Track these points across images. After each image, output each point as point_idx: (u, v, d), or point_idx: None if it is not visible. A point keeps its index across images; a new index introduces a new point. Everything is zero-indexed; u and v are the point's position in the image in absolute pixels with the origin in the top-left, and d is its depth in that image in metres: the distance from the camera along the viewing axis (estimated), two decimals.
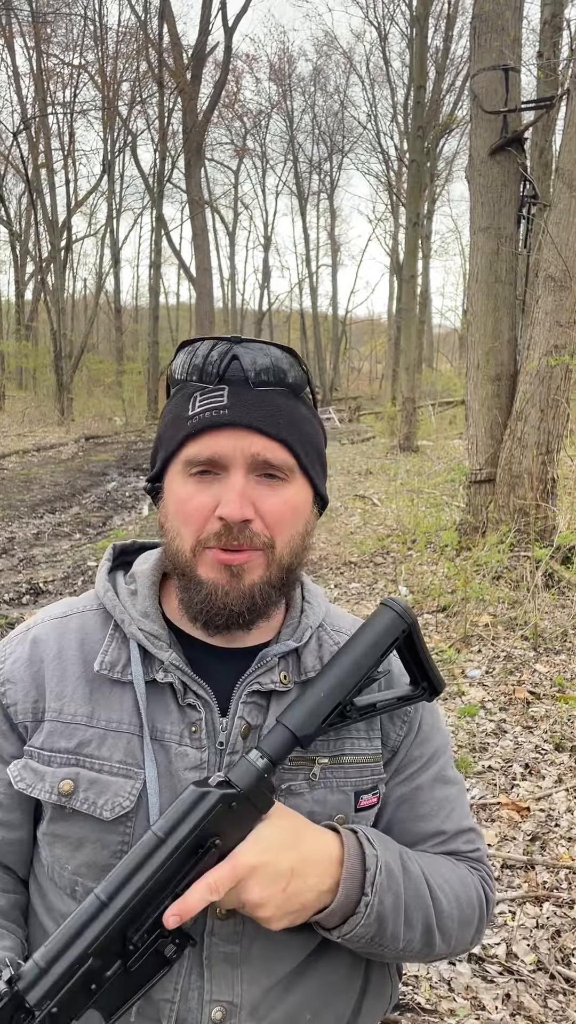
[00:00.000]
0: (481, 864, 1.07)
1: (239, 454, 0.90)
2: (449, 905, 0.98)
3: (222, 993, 0.91)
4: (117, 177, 28.96)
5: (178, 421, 0.93)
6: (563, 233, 5.77)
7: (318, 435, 0.98)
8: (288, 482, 0.93)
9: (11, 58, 31.72)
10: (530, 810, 3.26)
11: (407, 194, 17.13)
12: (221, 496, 0.90)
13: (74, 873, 0.94)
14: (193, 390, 0.93)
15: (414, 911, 0.94)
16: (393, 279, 30.54)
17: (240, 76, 34.46)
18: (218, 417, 0.89)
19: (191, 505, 0.91)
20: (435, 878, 0.99)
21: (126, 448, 17.72)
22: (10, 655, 1.01)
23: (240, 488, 0.89)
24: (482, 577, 5.75)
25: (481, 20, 6.72)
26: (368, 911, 0.89)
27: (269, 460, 0.90)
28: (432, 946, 0.97)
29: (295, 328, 44.62)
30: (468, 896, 1.01)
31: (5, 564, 7.35)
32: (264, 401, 0.91)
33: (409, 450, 14.83)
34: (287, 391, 0.94)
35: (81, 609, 1.03)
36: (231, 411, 0.89)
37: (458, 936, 1.00)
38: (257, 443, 0.90)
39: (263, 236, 42.73)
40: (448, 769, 1.08)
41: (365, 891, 0.89)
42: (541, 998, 2.32)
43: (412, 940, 0.95)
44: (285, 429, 0.91)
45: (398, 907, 0.92)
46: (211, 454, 0.90)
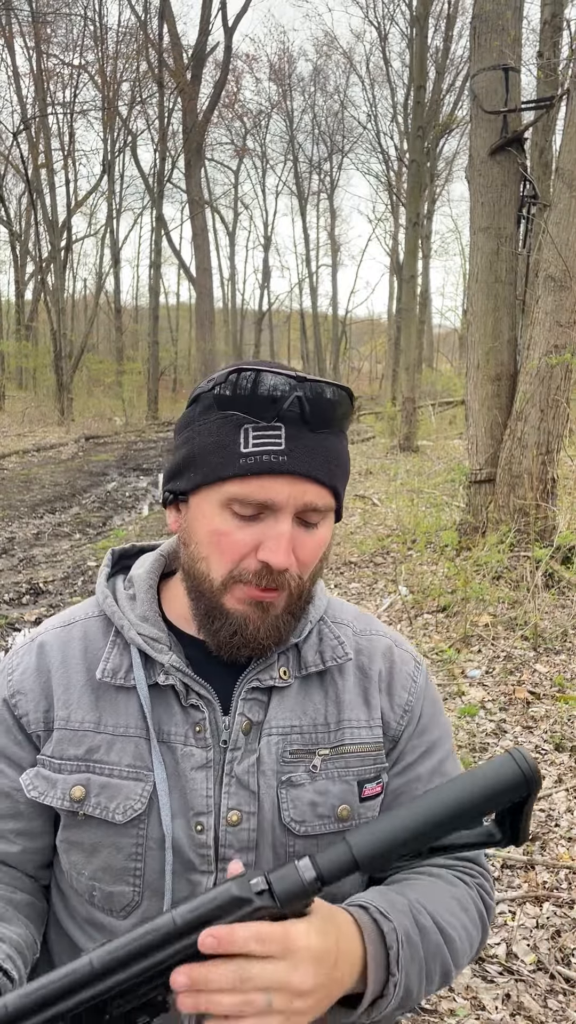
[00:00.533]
0: (478, 867, 1.04)
1: (292, 502, 0.88)
2: (461, 941, 0.95)
3: None
4: (117, 177, 28.96)
5: (227, 452, 0.88)
6: (563, 233, 5.77)
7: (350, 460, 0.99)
8: (324, 523, 0.94)
9: (11, 58, 31.72)
10: None
11: (407, 194, 17.13)
12: (264, 539, 0.88)
13: (91, 878, 0.95)
14: (243, 422, 0.88)
15: (435, 970, 0.91)
16: (393, 279, 30.53)
17: (240, 76, 34.49)
18: (276, 464, 0.86)
19: (229, 540, 0.90)
20: (444, 917, 0.94)
21: (126, 448, 17.72)
22: (18, 666, 1.02)
23: (288, 537, 0.89)
24: (482, 577, 5.75)
25: (481, 20, 6.72)
26: (396, 991, 0.84)
27: (318, 507, 0.91)
28: (447, 981, 0.95)
29: (295, 328, 44.62)
30: (473, 919, 0.98)
31: (5, 564, 7.35)
32: (320, 446, 0.89)
33: (409, 450, 14.82)
34: (338, 431, 0.93)
35: (83, 616, 1.04)
36: (290, 458, 0.87)
37: (467, 959, 0.98)
38: (311, 492, 0.89)
39: (263, 236, 42.75)
40: (448, 762, 1.06)
41: (392, 971, 0.84)
42: (541, 998, 2.32)
43: (430, 990, 0.92)
44: (337, 475, 0.91)
45: (421, 973, 0.89)
46: (264, 499, 0.88)
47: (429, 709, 1.07)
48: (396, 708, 1.03)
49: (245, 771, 0.94)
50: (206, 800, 0.94)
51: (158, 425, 23.69)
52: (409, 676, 1.05)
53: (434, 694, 1.09)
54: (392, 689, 1.04)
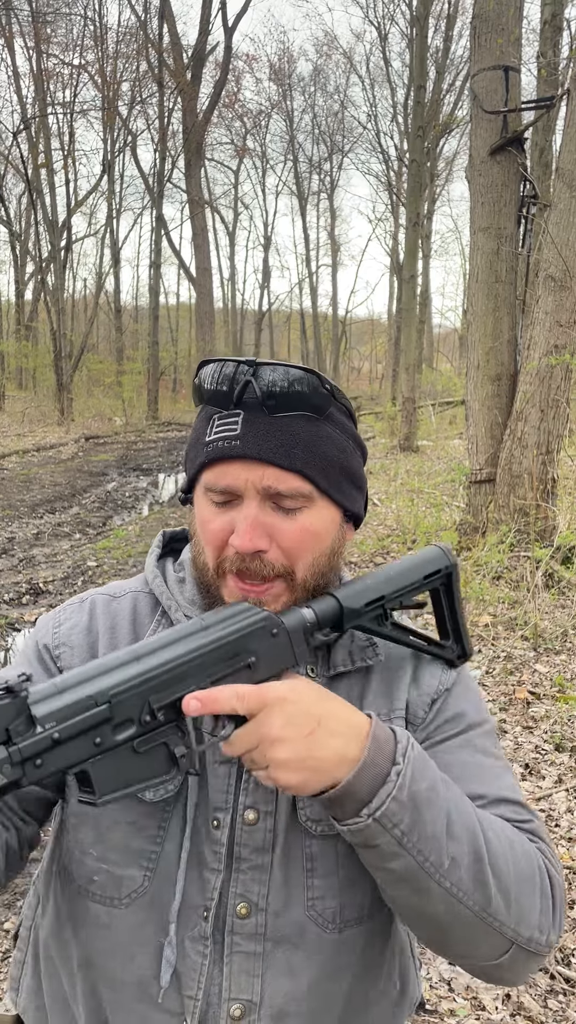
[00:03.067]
0: (539, 839, 0.93)
1: (250, 486, 0.89)
2: (499, 842, 0.86)
3: (241, 991, 0.91)
4: (117, 177, 28.95)
5: (198, 444, 0.93)
6: (563, 233, 5.77)
7: (346, 454, 0.94)
8: (306, 508, 0.91)
9: (11, 58, 31.75)
10: None
11: (407, 194, 17.13)
12: (236, 523, 0.90)
13: (99, 859, 0.93)
14: (212, 412, 0.92)
15: (457, 821, 0.83)
16: (393, 279, 30.54)
17: (240, 76, 34.50)
18: (228, 448, 0.88)
19: (210, 528, 0.92)
20: (480, 813, 0.88)
21: (126, 448, 17.72)
22: (67, 620, 1.03)
23: (252, 520, 0.88)
24: (482, 577, 5.75)
25: (481, 20, 6.72)
26: (400, 781, 0.79)
27: (281, 491, 0.89)
28: (485, 886, 0.82)
29: (295, 328, 44.63)
30: (525, 852, 0.88)
31: (5, 564, 7.35)
32: (279, 429, 0.89)
33: (409, 450, 14.82)
34: (308, 414, 0.91)
35: (134, 589, 1.05)
36: (243, 441, 0.88)
37: (517, 893, 0.85)
38: (269, 475, 0.88)
39: (263, 236, 42.75)
40: (481, 740, 0.99)
41: (396, 760, 0.81)
42: (541, 998, 2.32)
43: (459, 862, 0.82)
44: (301, 458, 0.89)
45: (436, 801, 0.82)
46: (224, 485, 0.90)
47: (460, 690, 1.02)
48: (424, 696, 1.00)
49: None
50: (225, 796, 0.93)
51: (158, 425, 23.69)
52: (440, 666, 1.02)
53: (470, 684, 1.04)
54: (420, 679, 1.00)
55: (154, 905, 0.92)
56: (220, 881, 0.92)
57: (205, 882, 0.92)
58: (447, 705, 0.99)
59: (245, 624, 0.84)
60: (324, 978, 0.92)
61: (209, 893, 0.91)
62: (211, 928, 0.91)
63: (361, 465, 0.99)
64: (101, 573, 6.99)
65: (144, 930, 0.92)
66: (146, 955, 0.92)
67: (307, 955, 0.92)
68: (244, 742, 0.79)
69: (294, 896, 0.92)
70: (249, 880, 0.91)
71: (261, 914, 0.91)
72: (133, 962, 0.92)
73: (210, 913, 0.91)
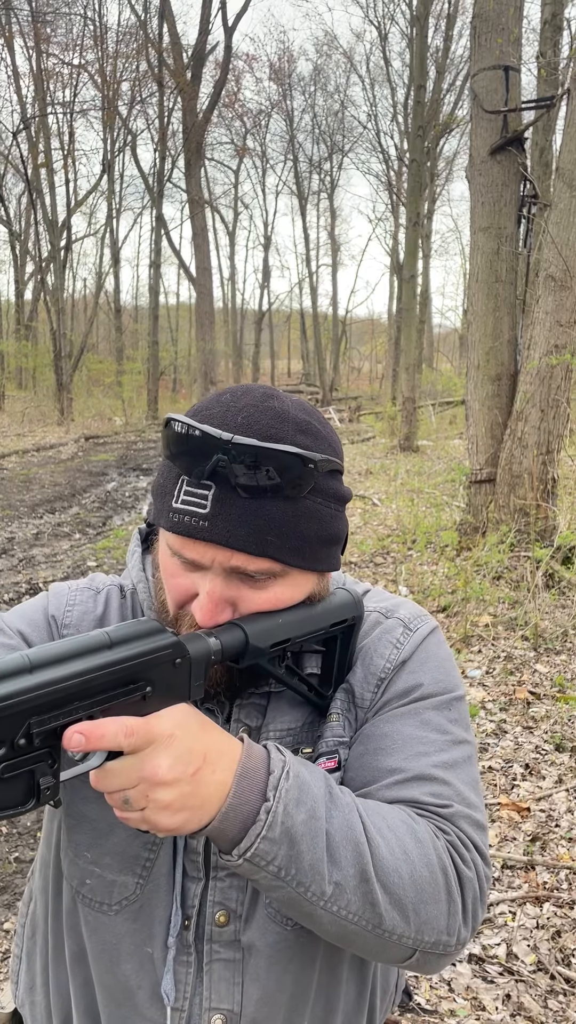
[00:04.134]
0: (453, 827, 0.86)
1: (216, 564, 0.84)
2: (392, 855, 0.81)
3: (221, 1001, 0.90)
4: (117, 177, 28.97)
5: (165, 501, 0.87)
6: (563, 233, 5.77)
7: (325, 522, 0.88)
8: (278, 579, 0.87)
9: (11, 58, 31.71)
10: (530, 810, 3.26)
11: (407, 194, 17.12)
12: (199, 591, 0.86)
13: (93, 863, 0.92)
14: (180, 472, 0.85)
15: (341, 845, 0.79)
16: (393, 279, 30.54)
17: (240, 76, 34.47)
18: (196, 529, 0.82)
19: (174, 583, 0.89)
20: (373, 817, 0.83)
21: (126, 448, 17.72)
22: (78, 604, 1.01)
23: (216, 596, 0.85)
24: (482, 577, 5.75)
25: (481, 19, 6.72)
26: (271, 820, 0.75)
27: (249, 571, 0.84)
28: (375, 905, 0.79)
29: (295, 328, 44.63)
30: (425, 856, 0.82)
31: (5, 564, 7.35)
32: (253, 513, 0.82)
33: (409, 450, 14.83)
34: (285, 494, 0.83)
35: (130, 587, 1.04)
36: (211, 524, 0.82)
37: (415, 903, 0.81)
38: (237, 558, 0.83)
39: (263, 236, 42.75)
40: (430, 713, 0.93)
41: (267, 796, 0.76)
42: (541, 999, 2.32)
43: (343, 886, 0.78)
44: (274, 544, 0.83)
45: (315, 830, 0.77)
46: (189, 558, 0.85)
47: (419, 668, 0.96)
48: (371, 677, 0.96)
49: None
50: None
51: (158, 425, 23.64)
52: (391, 643, 0.97)
53: (437, 655, 0.98)
54: (368, 659, 0.97)
55: (143, 913, 0.92)
56: (200, 889, 0.91)
57: (187, 892, 0.92)
58: (398, 679, 0.95)
59: (151, 648, 0.76)
60: (292, 975, 0.91)
61: (191, 902, 0.91)
62: (192, 937, 0.91)
63: (343, 520, 0.92)
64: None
65: (132, 938, 0.92)
66: (131, 963, 0.92)
67: (273, 955, 0.91)
68: (122, 779, 0.72)
69: (257, 897, 0.91)
70: (227, 887, 0.91)
71: (238, 920, 0.90)
72: (119, 968, 0.92)
73: (191, 922, 0.91)
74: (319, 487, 0.87)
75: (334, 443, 0.92)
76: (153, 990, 0.91)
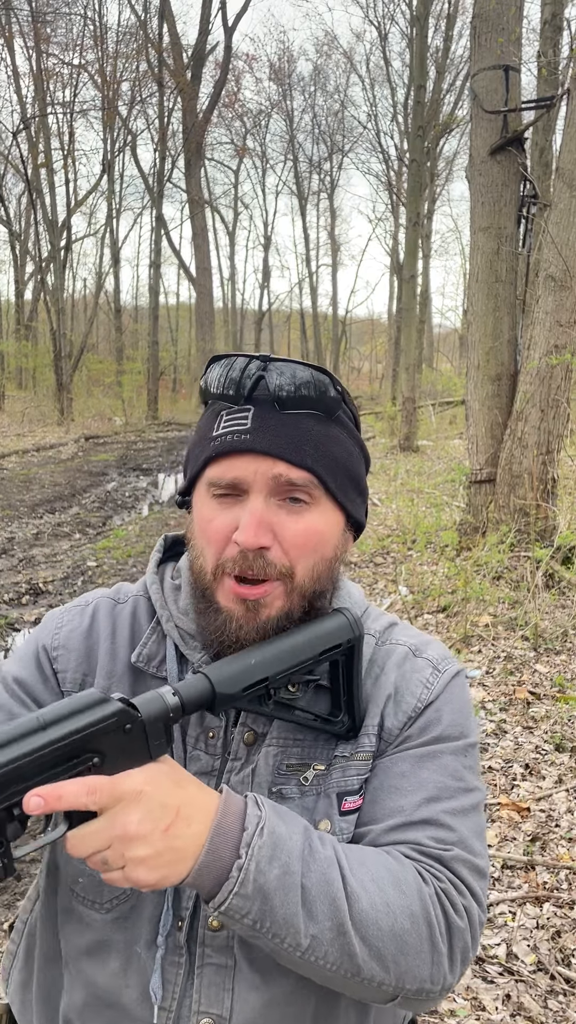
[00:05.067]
0: (449, 872, 0.87)
1: (259, 478, 0.87)
2: (372, 907, 0.81)
3: (211, 1005, 0.90)
4: (117, 177, 28.95)
5: (204, 440, 0.92)
6: (563, 233, 5.77)
7: (352, 458, 0.94)
8: (312, 507, 0.90)
9: (11, 58, 31.70)
10: (530, 810, 3.26)
11: (407, 194, 17.12)
12: (240, 520, 0.87)
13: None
14: (220, 408, 0.91)
15: (318, 899, 0.79)
16: (393, 279, 30.54)
17: (240, 76, 34.48)
18: (239, 442, 0.87)
19: (212, 527, 0.90)
20: (355, 868, 0.83)
21: (126, 448, 17.72)
22: (67, 623, 1.02)
23: (258, 514, 0.87)
24: (482, 577, 5.75)
25: (481, 19, 6.72)
26: (243, 877, 0.77)
27: (292, 480, 0.88)
28: (352, 956, 0.80)
29: (295, 328, 44.61)
30: (407, 907, 0.82)
31: (5, 564, 7.34)
32: (290, 425, 0.88)
33: (409, 450, 14.83)
34: (318, 414, 0.90)
35: (135, 594, 1.05)
36: (253, 436, 0.87)
37: (395, 955, 0.81)
38: (279, 467, 0.87)
39: (263, 236, 42.74)
40: (446, 758, 0.94)
41: (239, 852, 0.78)
42: (541, 999, 2.32)
43: (320, 939, 0.79)
44: (311, 456, 0.88)
45: (289, 885, 0.79)
46: (232, 478, 0.88)
47: (443, 709, 0.97)
48: (400, 715, 0.96)
49: (240, 782, 0.93)
50: None
51: (158, 425, 23.68)
52: (422, 683, 0.97)
53: (459, 699, 0.99)
54: (400, 696, 0.97)
55: (133, 912, 0.92)
56: (195, 892, 0.91)
57: (181, 893, 0.92)
58: (423, 717, 0.96)
59: (91, 721, 0.75)
60: (291, 991, 0.91)
61: (185, 903, 0.91)
62: (184, 939, 0.91)
63: (364, 473, 0.98)
64: (101, 573, 6.99)
65: (122, 936, 0.92)
66: (120, 961, 0.92)
67: (274, 971, 0.90)
68: (94, 842, 0.73)
69: None
70: None
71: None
72: (108, 967, 0.92)
73: (184, 924, 0.91)
74: (344, 422, 0.94)
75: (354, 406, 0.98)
76: (142, 990, 0.91)
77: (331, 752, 0.96)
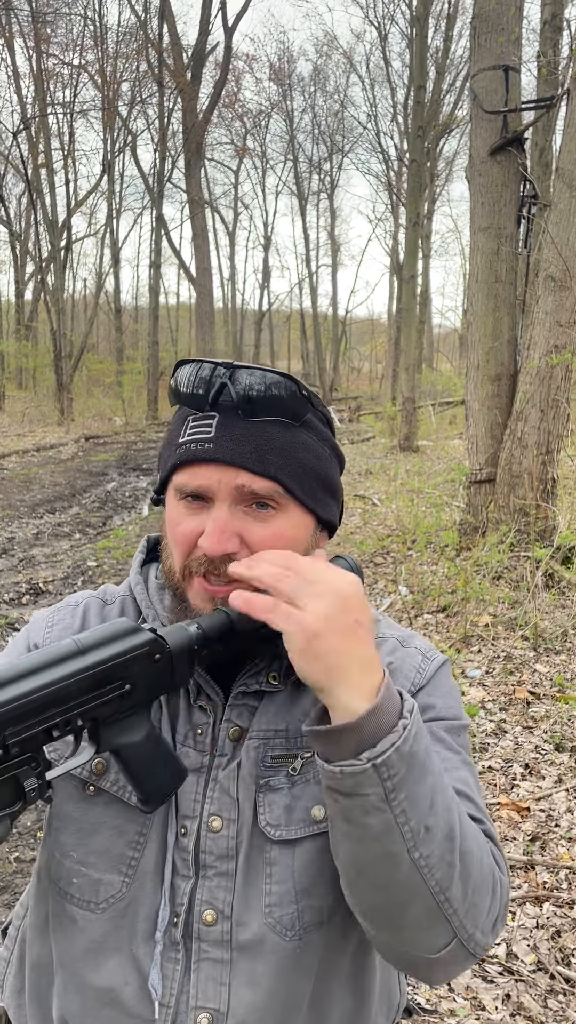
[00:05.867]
0: (488, 839, 0.92)
1: (223, 487, 0.87)
2: (469, 832, 0.85)
3: (208, 1000, 0.90)
4: (117, 177, 28.94)
5: (171, 445, 0.92)
6: (563, 233, 5.77)
7: (321, 461, 0.93)
8: (280, 512, 0.90)
9: (11, 58, 31.72)
10: (530, 810, 3.26)
11: (407, 194, 17.12)
12: (206, 523, 0.88)
13: (78, 862, 0.93)
14: (187, 413, 0.92)
15: (439, 795, 0.82)
16: (393, 279, 30.54)
17: (240, 76, 34.48)
18: (202, 451, 0.87)
19: (179, 530, 0.91)
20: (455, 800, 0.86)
21: (126, 448, 17.72)
22: (58, 622, 1.03)
23: (222, 522, 0.87)
24: (482, 577, 5.75)
25: (481, 20, 6.72)
26: (406, 735, 0.77)
27: (256, 491, 0.88)
28: (451, 866, 0.81)
29: (295, 328, 44.61)
30: (482, 848, 0.87)
31: (5, 564, 7.35)
32: (255, 434, 0.88)
33: (409, 450, 14.82)
34: (284, 420, 0.90)
35: (123, 594, 1.06)
36: (216, 445, 0.87)
37: (476, 884, 0.84)
38: (243, 476, 0.87)
39: (263, 236, 42.74)
40: (444, 733, 0.96)
41: (404, 715, 0.79)
42: (541, 998, 2.32)
43: (434, 833, 0.80)
44: (275, 464, 0.88)
45: (428, 767, 0.81)
46: (196, 486, 0.89)
47: (434, 693, 1.00)
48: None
49: (228, 776, 0.93)
50: (193, 804, 0.92)
51: (158, 425, 23.68)
52: (414, 667, 1.00)
53: (447, 685, 1.02)
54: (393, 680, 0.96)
55: (129, 911, 0.92)
56: (190, 887, 0.92)
57: (176, 888, 0.92)
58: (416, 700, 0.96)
59: (125, 649, 0.78)
60: (286, 985, 0.91)
61: (180, 899, 0.91)
62: (180, 934, 0.91)
63: (337, 474, 0.97)
64: (101, 573, 6.99)
65: (118, 935, 0.92)
66: (116, 960, 0.92)
67: (268, 964, 0.90)
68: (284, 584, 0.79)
69: (253, 904, 0.91)
70: (215, 887, 0.91)
71: (227, 921, 0.91)
72: (104, 967, 0.92)
73: (180, 919, 0.91)
74: (314, 425, 0.93)
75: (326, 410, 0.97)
76: (141, 987, 0.91)
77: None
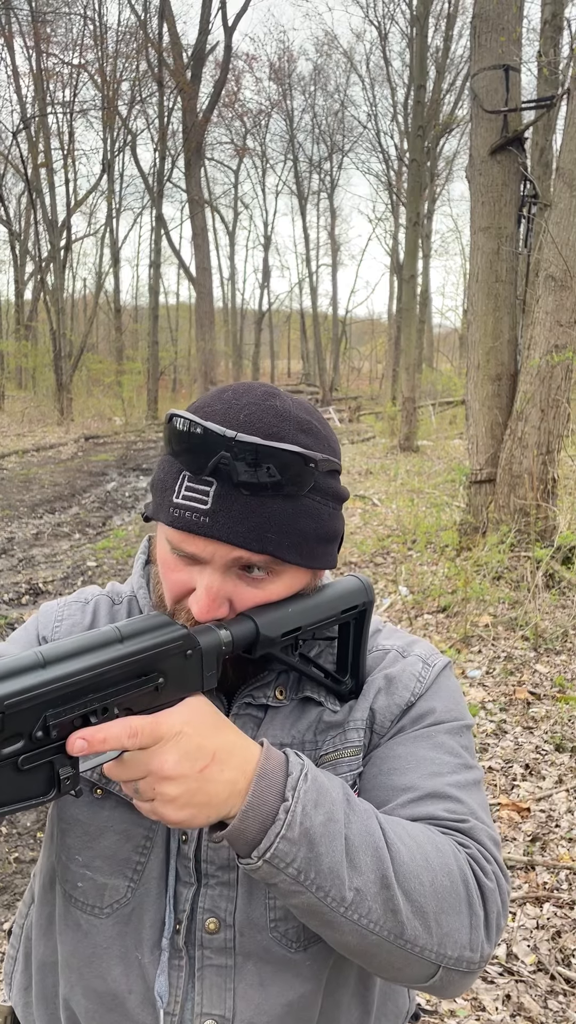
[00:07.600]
0: (472, 841, 0.87)
1: (217, 558, 0.85)
2: (412, 861, 0.80)
3: (213, 1006, 0.90)
4: (117, 177, 28.95)
5: (165, 496, 0.87)
6: (563, 233, 5.76)
7: (323, 520, 0.89)
8: (274, 577, 0.88)
9: (11, 58, 31.69)
10: (530, 811, 3.25)
11: (407, 194, 17.12)
12: (197, 585, 0.86)
13: (84, 866, 0.93)
14: (181, 468, 0.86)
15: (360, 850, 0.78)
16: (393, 279, 30.53)
17: (240, 76, 34.45)
18: (197, 524, 0.83)
19: (172, 577, 0.89)
20: (391, 825, 0.82)
21: (126, 448, 17.71)
22: (68, 617, 1.02)
23: (214, 590, 0.85)
24: (482, 577, 5.75)
25: (481, 19, 6.71)
26: (289, 819, 0.75)
27: (252, 562, 0.85)
28: (396, 912, 0.78)
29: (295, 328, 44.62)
30: (445, 865, 0.82)
31: (5, 564, 7.34)
32: (254, 510, 0.82)
33: (409, 450, 14.82)
34: (286, 494, 0.84)
35: (129, 595, 1.05)
36: (212, 520, 0.82)
37: (436, 914, 0.80)
38: (238, 552, 0.84)
39: (263, 236, 42.74)
40: (442, 736, 0.94)
41: (285, 796, 0.76)
42: (541, 999, 2.31)
43: (364, 892, 0.77)
44: (273, 542, 0.84)
45: (334, 833, 0.77)
46: (190, 551, 0.86)
47: (434, 697, 0.98)
48: (393, 707, 0.97)
49: None
50: None
51: (158, 425, 23.65)
52: (414, 676, 0.99)
53: (449, 687, 1.01)
54: (392, 689, 0.98)
55: (133, 917, 0.92)
56: (192, 894, 0.91)
57: (179, 895, 0.92)
58: (415, 708, 0.97)
59: (162, 641, 0.77)
60: (294, 990, 0.91)
61: (182, 906, 0.91)
62: (183, 941, 0.91)
63: (340, 518, 0.94)
64: (101, 573, 6.99)
65: (122, 941, 0.92)
66: (121, 967, 0.92)
67: (275, 972, 0.90)
68: (132, 771, 0.74)
69: (258, 917, 0.90)
70: (217, 896, 0.91)
71: (229, 930, 0.90)
72: (109, 973, 0.92)
73: (182, 927, 0.91)
74: (319, 486, 0.88)
75: (333, 443, 0.93)
76: (145, 994, 0.91)
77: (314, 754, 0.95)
